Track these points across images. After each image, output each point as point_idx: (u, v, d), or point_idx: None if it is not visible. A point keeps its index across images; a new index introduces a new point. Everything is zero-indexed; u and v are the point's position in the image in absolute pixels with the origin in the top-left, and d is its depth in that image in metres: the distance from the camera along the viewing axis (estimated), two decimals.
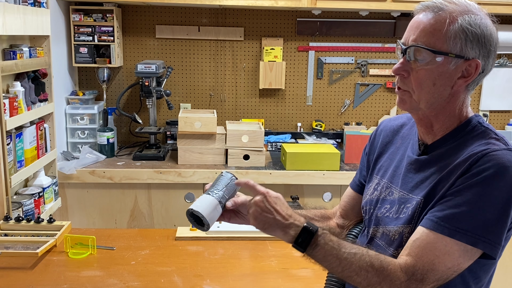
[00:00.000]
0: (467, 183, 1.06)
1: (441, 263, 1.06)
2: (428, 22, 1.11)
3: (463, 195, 1.06)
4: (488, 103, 3.32)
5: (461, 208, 1.06)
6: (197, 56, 3.17)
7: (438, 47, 1.10)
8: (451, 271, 1.07)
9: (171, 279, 1.59)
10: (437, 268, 1.06)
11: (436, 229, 1.07)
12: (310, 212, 1.47)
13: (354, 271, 1.09)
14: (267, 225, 1.16)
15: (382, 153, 1.36)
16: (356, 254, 1.10)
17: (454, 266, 1.07)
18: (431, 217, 1.09)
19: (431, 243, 1.07)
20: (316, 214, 1.47)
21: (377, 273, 1.08)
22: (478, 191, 1.05)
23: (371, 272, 1.08)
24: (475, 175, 1.06)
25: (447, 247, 1.06)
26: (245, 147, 2.73)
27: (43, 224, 1.87)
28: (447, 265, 1.06)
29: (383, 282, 1.08)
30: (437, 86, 1.13)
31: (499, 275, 3.01)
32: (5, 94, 1.97)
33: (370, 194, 1.33)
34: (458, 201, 1.06)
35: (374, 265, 1.08)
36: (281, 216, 1.14)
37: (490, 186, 1.05)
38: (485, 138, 1.13)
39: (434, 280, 1.07)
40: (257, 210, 1.16)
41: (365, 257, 1.09)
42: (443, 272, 1.07)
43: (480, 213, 1.05)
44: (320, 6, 2.80)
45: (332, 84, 3.26)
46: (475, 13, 1.11)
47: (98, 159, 2.74)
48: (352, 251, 1.10)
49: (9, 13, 1.91)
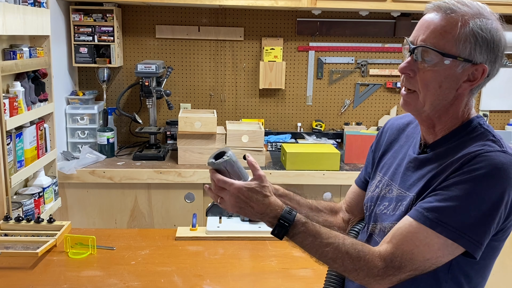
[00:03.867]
0: (457, 180, 1.07)
1: (420, 253, 1.08)
2: (439, 23, 1.10)
3: (452, 191, 1.07)
4: (488, 103, 3.32)
5: (447, 202, 1.06)
6: (197, 56, 3.17)
7: (447, 50, 1.09)
8: (429, 263, 1.08)
9: (171, 279, 1.59)
10: (416, 257, 1.08)
11: (419, 219, 1.08)
12: (320, 204, 1.49)
13: (331, 258, 1.13)
14: (244, 214, 1.21)
15: (386, 151, 1.37)
16: (331, 244, 1.13)
17: (432, 258, 1.08)
18: (417, 208, 1.11)
19: (412, 233, 1.09)
20: (324, 207, 1.49)
21: (354, 261, 1.11)
22: (467, 189, 1.05)
23: (347, 260, 1.12)
24: (466, 173, 1.06)
25: (427, 238, 1.07)
26: (245, 147, 2.73)
27: (43, 224, 1.87)
28: (425, 256, 1.08)
29: (359, 270, 1.11)
30: (443, 88, 1.13)
31: (499, 275, 3.01)
32: (5, 94, 1.97)
33: (372, 191, 1.34)
34: (446, 195, 1.07)
35: (350, 253, 1.12)
36: (255, 211, 1.19)
37: (479, 186, 1.05)
38: (483, 139, 1.13)
39: (411, 269, 1.09)
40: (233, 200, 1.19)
41: (341, 246, 1.13)
42: (420, 263, 1.08)
43: (466, 210, 1.05)
44: (320, 6, 2.80)
45: (332, 84, 3.26)
46: (487, 17, 1.10)
47: (98, 159, 2.74)
48: (328, 240, 1.14)
49: (9, 13, 1.91)
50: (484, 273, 1.18)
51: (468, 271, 1.14)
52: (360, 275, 1.12)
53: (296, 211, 1.18)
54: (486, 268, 1.17)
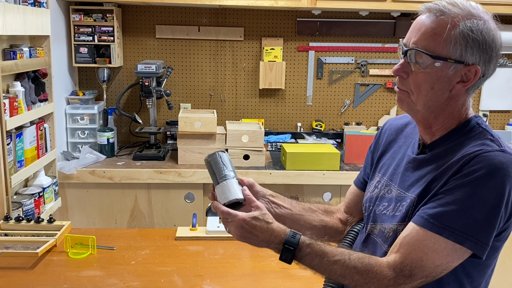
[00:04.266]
0: (458, 182, 1.07)
1: (429, 260, 1.08)
2: (429, 25, 1.11)
3: (454, 194, 1.07)
4: (488, 103, 3.32)
5: (450, 206, 1.07)
6: (197, 56, 3.17)
7: (438, 52, 1.10)
8: (440, 269, 1.08)
9: (171, 279, 1.59)
10: (425, 265, 1.08)
11: (426, 226, 1.08)
12: (314, 205, 1.48)
13: (340, 275, 1.14)
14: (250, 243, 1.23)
15: (385, 151, 1.37)
16: (338, 261, 1.14)
17: (442, 264, 1.08)
18: (421, 214, 1.11)
19: (420, 240, 1.09)
20: (319, 207, 1.49)
21: (363, 275, 1.12)
22: (468, 191, 1.06)
23: (355, 275, 1.12)
24: (466, 175, 1.07)
25: (435, 244, 1.07)
26: (245, 147, 2.73)
27: (43, 224, 1.87)
28: (435, 263, 1.08)
29: (369, 283, 1.11)
30: (435, 90, 1.13)
31: (499, 275, 3.01)
32: (5, 94, 1.97)
33: (371, 192, 1.34)
34: (448, 199, 1.07)
35: (358, 268, 1.12)
36: (260, 239, 1.20)
37: (480, 187, 1.05)
38: (481, 139, 1.13)
39: (422, 276, 1.09)
40: (238, 231, 1.21)
41: (347, 262, 1.13)
42: (431, 269, 1.08)
43: (469, 212, 1.05)
44: (320, 6, 2.80)
45: (332, 84, 3.26)
46: (478, 18, 1.10)
47: (98, 159, 2.74)
48: (334, 258, 1.14)
49: (9, 13, 1.91)
50: (486, 273, 1.18)
51: (471, 272, 1.14)
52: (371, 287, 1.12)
53: (300, 234, 1.18)
54: (488, 268, 1.18)
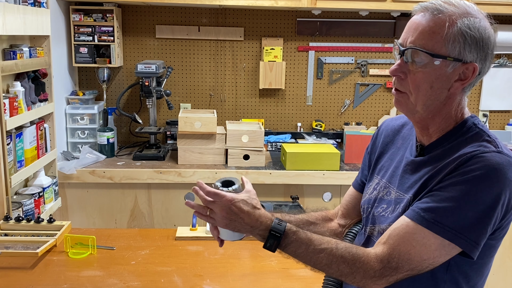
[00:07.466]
0: (453, 180, 1.07)
1: (417, 253, 1.08)
2: (427, 24, 1.11)
3: (448, 191, 1.07)
4: (488, 103, 3.32)
5: (444, 203, 1.07)
6: (197, 56, 3.17)
7: (437, 50, 1.10)
8: (426, 263, 1.08)
9: (171, 279, 1.59)
10: (412, 258, 1.08)
11: (416, 220, 1.09)
12: (310, 216, 1.47)
13: (326, 264, 1.13)
14: (233, 227, 1.20)
15: (383, 153, 1.37)
16: (325, 249, 1.13)
17: (429, 259, 1.08)
18: (414, 208, 1.11)
19: (409, 233, 1.09)
20: (317, 218, 1.48)
21: (349, 264, 1.12)
22: (463, 189, 1.06)
23: (342, 264, 1.12)
24: (462, 174, 1.07)
25: (424, 239, 1.07)
26: (245, 147, 2.73)
27: (43, 224, 1.87)
28: (422, 257, 1.08)
29: (355, 273, 1.11)
30: (434, 88, 1.13)
31: (499, 275, 3.00)
32: (5, 94, 1.97)
33: (370, 194, 1.34)
34: (442, 196, 1.08)
35: (345, 257, 1.12)
36: (245, 223, 1.18)
37: (475, 186, 1.05)
38: (478, 140, 1.13)
39: (408, 269, 1.09)
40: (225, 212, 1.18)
41: (334, 251, 1.13)
42: (417, 263, 1.08)
43: (462, 210, 1.05)
44: (320, 6, 2.80)
45: (332, 84, 3.26)
46: (474, 16, 1.11)
47: (98, 159, 2.74)
48: (321, 246, 1.14)
49: (9, 13, 1.91)
50: (483, 272, 1.18)
51: (467, 271, 1.14)
52: (356, 278, 1.12)
53: (286, 222, 1.17)
54: (485, 267, 1.18)
